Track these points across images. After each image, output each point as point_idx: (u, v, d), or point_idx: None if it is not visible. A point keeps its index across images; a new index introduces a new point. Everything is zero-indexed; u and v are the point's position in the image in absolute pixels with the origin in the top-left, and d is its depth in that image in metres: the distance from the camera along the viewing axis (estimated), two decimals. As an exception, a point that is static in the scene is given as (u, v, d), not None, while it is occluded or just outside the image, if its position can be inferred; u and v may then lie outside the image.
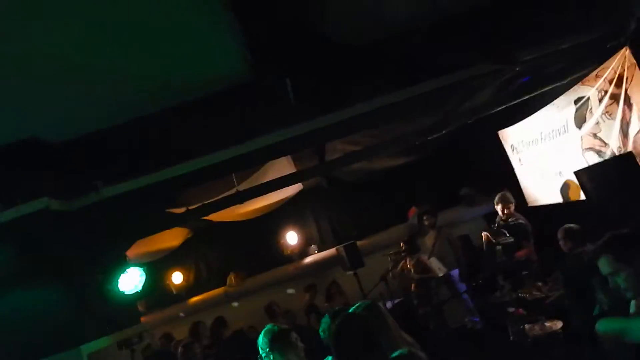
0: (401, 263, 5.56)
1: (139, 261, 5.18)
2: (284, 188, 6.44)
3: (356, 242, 6.45)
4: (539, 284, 4.46)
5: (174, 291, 7.35)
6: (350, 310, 2.58)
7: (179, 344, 4.85)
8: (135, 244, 4.21)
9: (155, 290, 6.70)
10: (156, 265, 7.02)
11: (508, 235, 4.79)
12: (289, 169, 5.61)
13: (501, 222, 5.10)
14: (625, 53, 3.19)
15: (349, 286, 6.55)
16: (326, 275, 7.05)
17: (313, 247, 7.58)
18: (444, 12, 2.98)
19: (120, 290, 3.32)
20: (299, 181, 6.05)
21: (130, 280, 3.40)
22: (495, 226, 5.08)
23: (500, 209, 5.10)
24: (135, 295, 3.49)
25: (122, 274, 3.36)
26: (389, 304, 5.61)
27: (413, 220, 7.02)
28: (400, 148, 5.69)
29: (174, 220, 4.35)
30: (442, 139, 5.41)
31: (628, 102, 3.33)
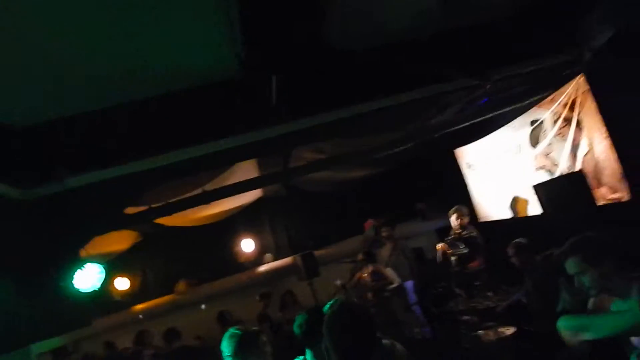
0: (358, 273, 5.65)
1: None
2: (242, 194, 6.37)
3: (313, 252, 6.48)
4: (489, 293, 4.72)
5: (117, 298, 6.92)
6: (325, 308, 2.59)
7: (127, 350, 4.58)
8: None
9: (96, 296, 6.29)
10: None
11: (463, 247, 5.04)
12: (253, 173, 5.56)
13: (455, 234, 5.35)
14: (580, 80, 3.53)
15: (303, 296, 6.54)
16: (280, 285, 6.99)
17: (268, 256, 7.50)
18: (425, 29, 3.15)
19: (76, 288, 3.11)
20: (267, 185, 6.02)
21: (88, 277, 3.19)
22: (450, 238, 5.32)
23: (454, 220, 5.35)
24: (92, 294, 3.28)
25: (79, 271, 3.14)
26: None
27: (369, 232, 7.17)
28: (366, 159, 5.83)
29: (136, 218, 4.14)
30: (403, 153, 5.64)
31: (579, 126, 3.67)
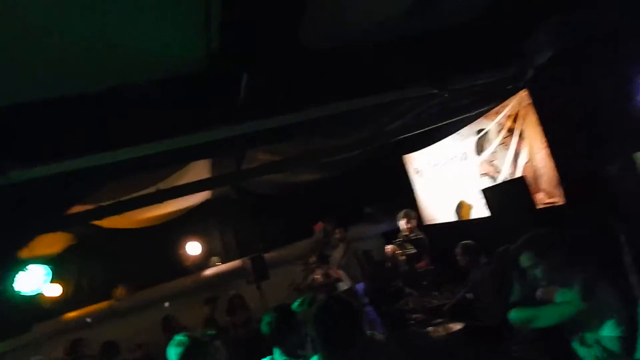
0: (311, 275, 5.69)
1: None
2: (189, 196, 6.19)
3: (263, 255, 6.44)
4: (435, 292, 4.98)
5: (47, 305, 6.37)
6: (294, 306, 2.60)
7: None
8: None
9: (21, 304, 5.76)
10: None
11: (411, 248, 5.28)
12: (206, 173, 5.42)
13: (404, 236, 5.59)
14: (524, 94, 3.87)
15: (251, 300, 6.46)
16: (226, 289, 6.84)
17: (215, 259, 7.31)
18: (394, 32, 3.29)
19: (17, 291, 2.86)
20: (224, 185, 5.89)
21: (31, 279, 2.95)
22: (399, 240, 5.55)
23: (403, 223, 5.59)
24: (33, 297, 3.02)
25: (21, 272, 2.90)
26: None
27: (319, 234, 7.25)
28: (318, 163, 5.91)
29: (85, 217, 3.87)
30: (355, 158, 5.79)
31: (521, 136, 4.01)
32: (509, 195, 3.60)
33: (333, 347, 1.56)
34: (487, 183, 4.60)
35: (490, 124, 4.40)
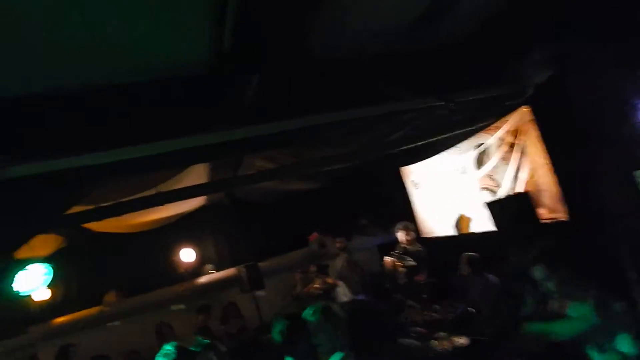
0: (310, 284, 5.64)
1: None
2: (183, 202, 6.13)
3: (258, 264, 6.38)
4: (436, 305, 4.96)
5: (35, 309, 6.21)
6: (304, 313, 2.56)
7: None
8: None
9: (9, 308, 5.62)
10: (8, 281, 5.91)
11: (411, 260, 5.27)
12: (203, 178, 5.37)
13: (402, 248, 5.58)
14: (525, 110, 3.92)
15: (244, 309, 6.38)
16: (220, 297, 6.74)
17: (209, 267, 7.21)
18: (398, 46, 3.33)
19: (15, 291, 2.79)
20: (222, 190, 5.84)
21: (30, 279, 2.88)
22: (397, 252, 5.53)
23: (401, 235, 5.58)
24: (23, 300, 2.94)
25: (21, 272, 2.83)
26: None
27: (314, 245, 7.22)
28: (315, 171, 5.90)
29: (82, 217, 3.79)
30: (353, 168, 5.79)
31: (523, 151, 4.05)
32: (513, 209, 3.63)
33: (362, 355, 1.52)
34: (487, 197, 4.63)
35: (490, 138, 4.44)
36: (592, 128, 3.56)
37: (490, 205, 3.82)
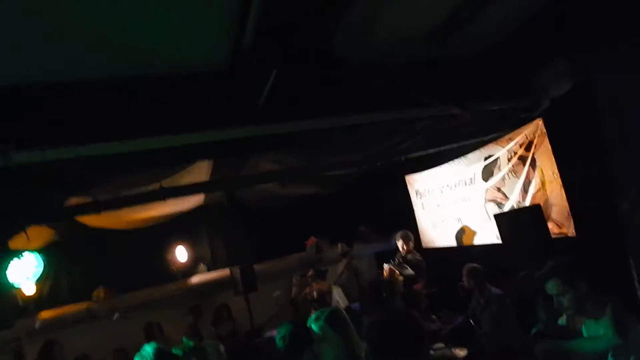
0: (307, 288, 5.54)
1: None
2: (180, 200, 6.02)
3: (252, 265, 6.26)
4: (434, 316, 4.88)
5: (23, 302, 6.03)
6: (313, 317, 2.46)
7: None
8: None
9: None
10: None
11: (408, 269, 5.18)
12: (205, 177, 5.27)
13: (401, 257, 5.50)
14: (539, 123, 3.89)
15: (236, 311, 6.26)
16: (211, 298, 6.61)
17: (202, 267, 7.08)
18: (417, 55, 3.29)
19: (9, 282, 2.66)
20: (227, 189, 5.75)
21: (23, 270, 2.76)
22: (396, 261, 5.45)
23: (401, 244, 5.50)
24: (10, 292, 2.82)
25: (14, 260, 2.71)
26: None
27: (311, 250, 7.12)
28: (319, 176, 5.83)
29: (81, 210, 3.67)
30: (358, 174, 5.73)
31: (533, 164, 4.01)
32: (523, 223, 3.56)
33: None
34: (493, 209, 4.59)
35: (501, 150, 4.40)
36: (607, 142, 3.53)
37: (498, 217, 3.76)
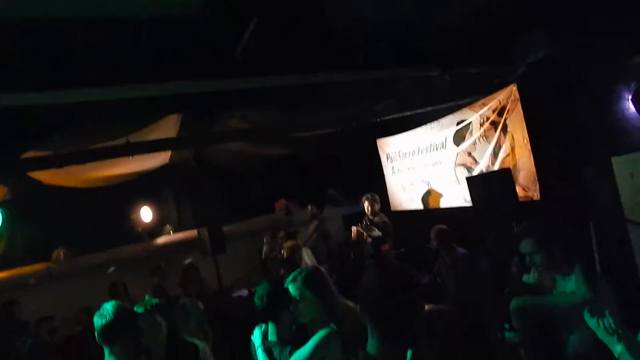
0: (277, 248, 5.55)
1: None
2: (146, 159, 5.78)
3: (221, 227, 6.18)
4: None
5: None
6: (290, 277, 2.41)
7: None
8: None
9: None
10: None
11: (376, 231, 5.28)
12: (173, 133, 5.05)
13: (368, 219, 5.58)
14: (513, 89, 3.94)
15: (204, 272, 6.20)
16: (179, 259, 6.51)
17: (168, 228, 6.92)
18: (399, 17, 3.23)
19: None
20: (194, 146, 5.55)
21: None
22: (363, 222, 5.53)
23: (367, 206, 5.56)
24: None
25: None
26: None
27: (280, 212, 7.09)
28: (295, 134, 5.72)
29: (38, 164, 3.43)
30: (330, 135, 5.66)
31: (505, 130, 4.10)
32: (493, 186, 3.65)
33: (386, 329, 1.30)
34: (463, 174, 4.69)
35: (474, 115, 4.46)
36: (577, 112, 3.65)
37: (470, 180, 3.85)
